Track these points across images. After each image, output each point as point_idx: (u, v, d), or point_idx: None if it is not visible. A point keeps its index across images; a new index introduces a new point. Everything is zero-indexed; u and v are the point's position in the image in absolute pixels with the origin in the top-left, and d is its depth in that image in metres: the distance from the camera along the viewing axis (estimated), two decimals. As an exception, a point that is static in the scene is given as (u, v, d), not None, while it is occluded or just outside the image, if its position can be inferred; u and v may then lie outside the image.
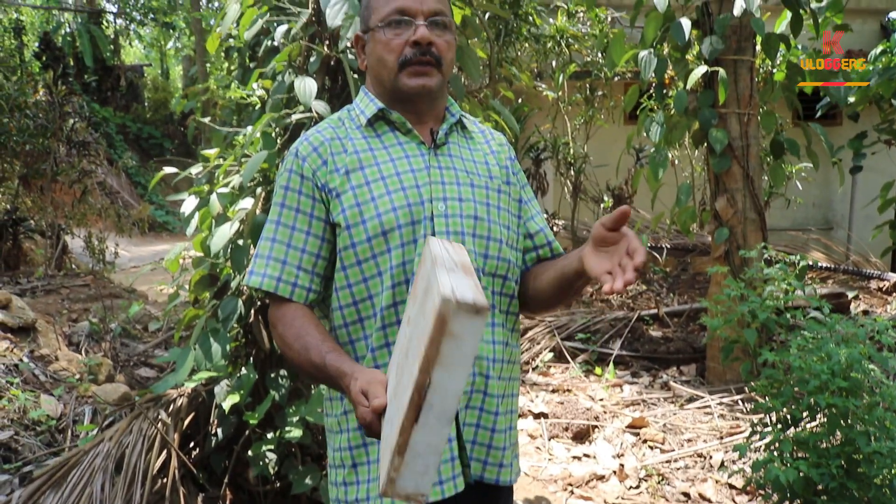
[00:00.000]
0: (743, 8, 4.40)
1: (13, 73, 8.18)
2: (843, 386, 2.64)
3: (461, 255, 1.26)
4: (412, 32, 1.53)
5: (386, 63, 1.55)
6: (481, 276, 1.56)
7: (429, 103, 1.61)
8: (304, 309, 1.56)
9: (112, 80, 21.27)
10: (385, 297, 1.51)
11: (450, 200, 1.55)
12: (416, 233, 1.51)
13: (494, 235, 1.58)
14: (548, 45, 7.60)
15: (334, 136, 1.60)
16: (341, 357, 1.43)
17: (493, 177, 1.65)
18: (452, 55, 1.61)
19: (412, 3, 1.54)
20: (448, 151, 1.62)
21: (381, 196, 1.52)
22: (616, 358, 5.71)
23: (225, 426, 3.21)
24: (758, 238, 4.92)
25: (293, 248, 1.56)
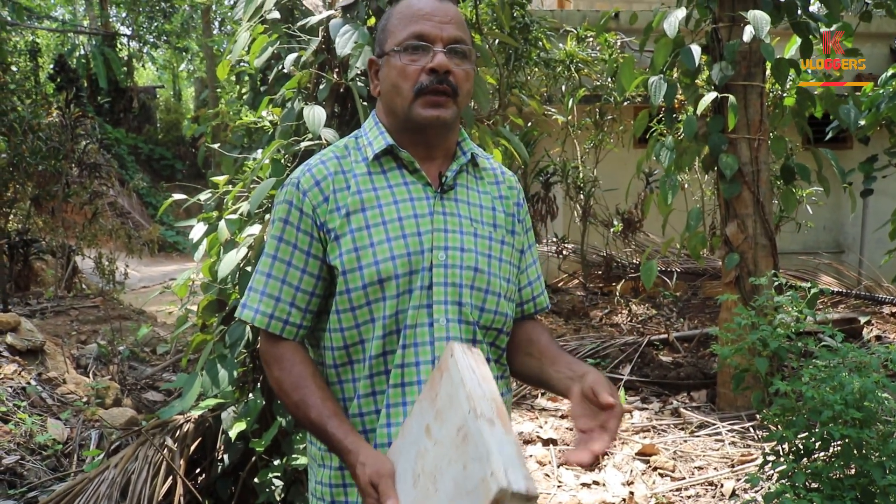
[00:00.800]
0: (752, 34, 4.39)
1: (28, 97, 8.25)
2: (857, 416, 2.60)
3: (489, 382, 1.26)
4: (429, 59, 1.46)
5: (400, 90, 1.48)
6: (477, 330, 1.52)
7: (441, 135, 1.53)
8: (301, 351, 1.54)
9: (125, 102, 21.47)
10: (375, 345, 1.47)
11: (451, 250, 1.50)
12: (412, 283, 1.47)
13: (493, 289, 1.54)
14: (557, 69, 7.62)
15: (338, 170, 1.53)
16: (343, 426, 1.42)
17: (497, 226, 1.59)
18: (470, 86, 1.54)
19: (431, 28, 1.47)
20: (455, 196, 1.56)
21: (381, 243, 1.46)
22: (626, 383, 5.67)
23: (231, 452, 3.19)
24: (769, 263, 4.89)
25: (288, 284, 1.52)
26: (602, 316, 7.54)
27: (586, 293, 8.48)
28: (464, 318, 1.50)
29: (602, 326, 7.26)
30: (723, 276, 5.11)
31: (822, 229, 10.19)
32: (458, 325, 1.49)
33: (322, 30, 2.98)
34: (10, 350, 4.47)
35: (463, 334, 1.49)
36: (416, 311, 1.47)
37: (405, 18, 1.49)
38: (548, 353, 1.59)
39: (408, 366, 1.46)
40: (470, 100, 1.58)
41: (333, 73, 2.96)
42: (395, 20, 1.52)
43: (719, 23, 4.83)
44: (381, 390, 1.48)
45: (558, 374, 1.52)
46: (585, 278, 8.69)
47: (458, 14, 1.53)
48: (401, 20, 1.50)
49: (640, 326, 7.25)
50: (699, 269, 8.34)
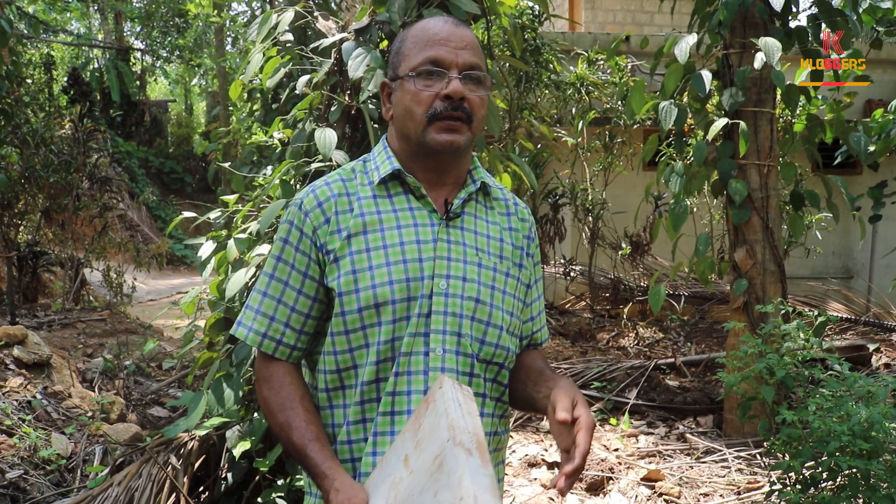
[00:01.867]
0: (763, 61, 4.40)
1: (41, 109, 8.32)
2: (865, 447, 2.59)
3: (474, 417, 1.23)
4: (444, 85, 1.43)
5: (413, 115, 1.45)
6: (475, 363, 1.48)
7: (453, 161, 1.50)
8: (293, 372, 1.52)
9: (137, 115, 21.64)
10: (367, 371, 1.44)
11: (453, 279, 1.46)
12: (410, 309, 1.43)
13: (495, 321, 1.50)
14: (568, 91, 7.65)
15: (342, 192, 1.51)
16: (323, 451, 1.40)
17: (503, 257, 1.55)
18: (484, 112, 1.50)
19: (447, 53, 1.44)
20: (461, 224, 1.52)
21: (380, 266, 1.44)
22: (632, 407, 5.64)
23: (235, 471, 3.19)
24: (777, 290, 4.87)
25: (283, 304, 1.50)
26: (609, 339, 7.52)
27: (593, 315, 8.46)
28: (462, 349, 1.46)
29: (609, 349, 7.24)
30: (731, 302, 5.09)
31: (831, 254, 10.16)
32: (454, 357, 1.45)
33: (335, 52, 3.00)
34: (16, 363, 4.48)
35: (460, 366, 1.46)
36: (412, 338, 1.43)
37: (420, 42, 1.47)
38: (532, 374, 1.55)
39: (399, 394, 1.43)
40: (483, 126, 1.55)
41: (345, 95, 2.98)
42: (409, 44, 1.49)
43: (730, 49, 4.85)
44: (370, 418, 1.45)
45: (538, 394, 1.48)
46: (593, 300, 8.67)
47: (473, 39, 1.50)
48: (415, 44, 1.47)
49: (647, 350, 7.22)
50: (707, 294, 8.31)
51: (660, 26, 11.22)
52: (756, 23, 4.76)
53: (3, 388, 4.09)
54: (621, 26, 11.29)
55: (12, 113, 7.25)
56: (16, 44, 7.85)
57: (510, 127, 3.76)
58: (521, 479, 4.43)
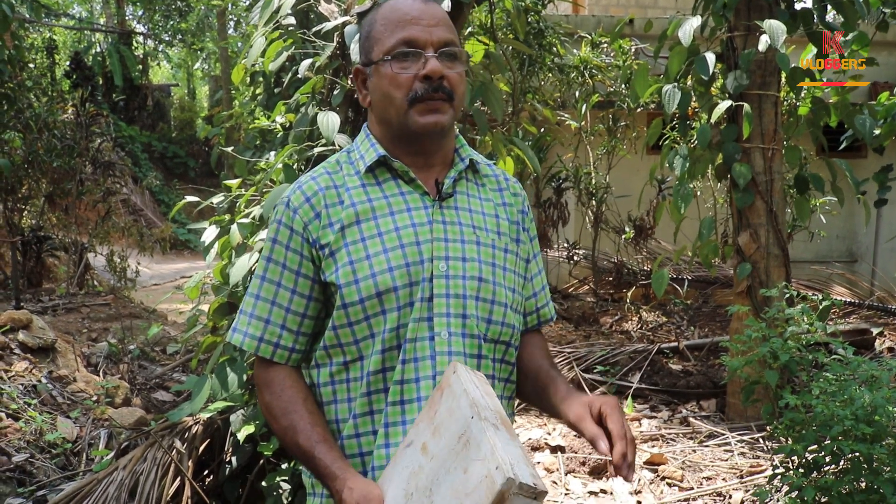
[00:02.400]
0: (768, 43, 4.37)
1: (44, 94, 8.31)
2: (868, 432, 2.59)
3: (493, 398, 1.22)
4: (421, 65, 1.40)
5: (393, 100, 1.42)
6: (482, 344, 1.46)
7: (438, 142, 1.47)
8: (292, 375, 1.48)
9: (139, 100, 21.60)
10: (374, 361, 1.41)
11: (452, 260, 1.43)
12: (413, 295, 1.41)
13: (499, 299, 1.47)
14: (571, 75, 7.61)
15: (330, 185, 1.47)
16: (331, 452, 1.37)
17: (501, 233, 1.52)
18: (464, 88, 1.47)
19: (420, 32, 1.40)
20: (454, 204, 1.49)
21: (378, 254, 1.40)
22: (635, 391, 5.65)
23: (240, 455, 3.20)
24: (781, 274, 4.87)
25: (277, 306, 1.46)
26: (612, 323, 7.52)
27: (597, 299, 8.46)
28: (468, 331, 1.43)
29: (612, 333, 7.24)
30: (734, 286, 5.09)
31: (836, 238, 10.13)
32: (461, 339, 1.43)
33: (337, 36, 2.98)
34: (21, 347, 4.49)
35: (467, 349, 1.43)
36: (417, 324, 1.40)
37: (391, 24, 1.43)
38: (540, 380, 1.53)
39: (407, 382, 1.40)
40: (465, 103, 1.54)
41: (348, 79, 2.96)
42: (379, 26, 1.45)
43: (734, 31, 4.81)
44: (379, 409, 1.42)
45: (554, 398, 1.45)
46: (596, 284, 8.67)
47: (444, 15, 1.47)
48: (386, 26, 1.43)
49: (650, 334, 7.23)
50: (711, 277, 8.30)
51: (664, 8, 11.14)
52: (761, 5, 4.73)
53: (8, 373, 4.11)
54: (625, 9, 11.22)
55: (15, 98, 7.23)
56: (18, 28, 7.83)
57: (513, 110, 3.74)
58: (525, 462, 4.44)
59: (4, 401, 3.76)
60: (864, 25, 5.46)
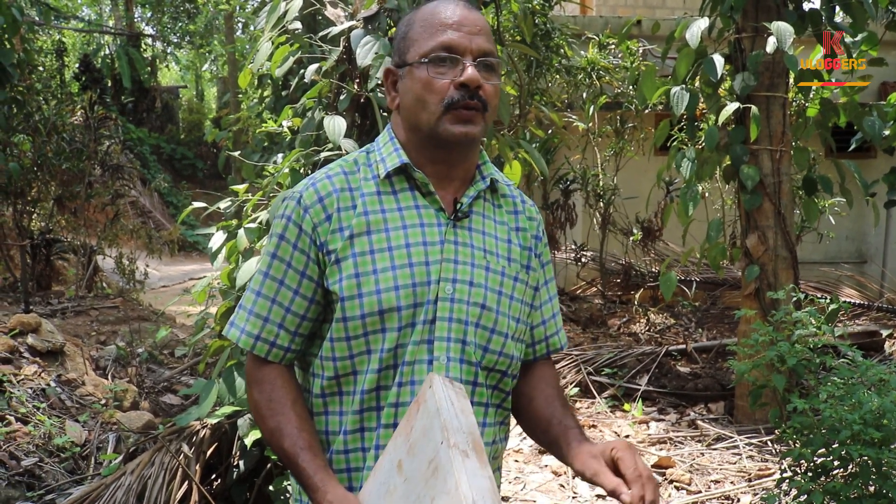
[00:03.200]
0: (776, 45, 4.36)
1: (53, 97, 8.35)
2: (876, 436, 2.58)
3: (468, 416, 1.18)
4: (459, 72, 1.35)
5: (427, 104, 1.36)
6: (479, 371, 1.41)
7: (465, 154, 1.43)
8: (285, 374, 1.44)
9: (148, 102, 21.68)
10: (369, 379, 1.37)
11: (459, 283, 1.39)
12: (416, 316, 1.36)
13: (500, 329, 1.42)
14: (579, 76, 7.60)
15: (345, 187, 1.42)
16: (315, 461, 1.33)
17: (512, 260, 1.47)
18: (497, 101, 1.43)
19: (461, 38, 1.35)
20: (469, 224, 1.44)
21: (385, 270, 1.36)
22: (643, 394, 5.64)
23: (247, 459, 3.21)
24: (789, 276, 4.85)
25: (278, 304, 1.42)
26: (620, 324, 7.51)
27: (604, 301, 8.45)
28: (466, 357, 1.39)
29: (620, 335, 7.23)
30: (742, 288, 5.07)
31: (845, 239, 10.09)
32: (458, 365, 1.38)
33: (343, 40, 2.99)
34: (30, 351, 4.52)
35: (464, 375, 1.39)
36: (417, 346, 1.36)
37: (431, 27, 1.38)
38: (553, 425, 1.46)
39: (402, 405, 1.36)
40: (495, 115, 1.49)
41: (354, 83, 2.97)
42: (418, 28, 1.40)
43: (742, 33, 4.80)
44: (370, 427, 1.38)
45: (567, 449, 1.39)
46: (604, 286, 8.66)
47: (486, 24, 1.42)
48: (426, 28, 1.38)
49: (658, 336, 7.21)
50: (719, 279, 8.28)
51: (671, 9, 11.12)
52: (769, 6, 4.71)
53: (17, 376, 4.13)
54: (633, 9, 11.20)
55: (24, 101, 7.27)
56: (27, 31, 7.87)
57: (520, 113, 3.74)
58: (532, 465, 4.44)
59: (14, 405, 3.78)
60: (872, 25, 5.44)
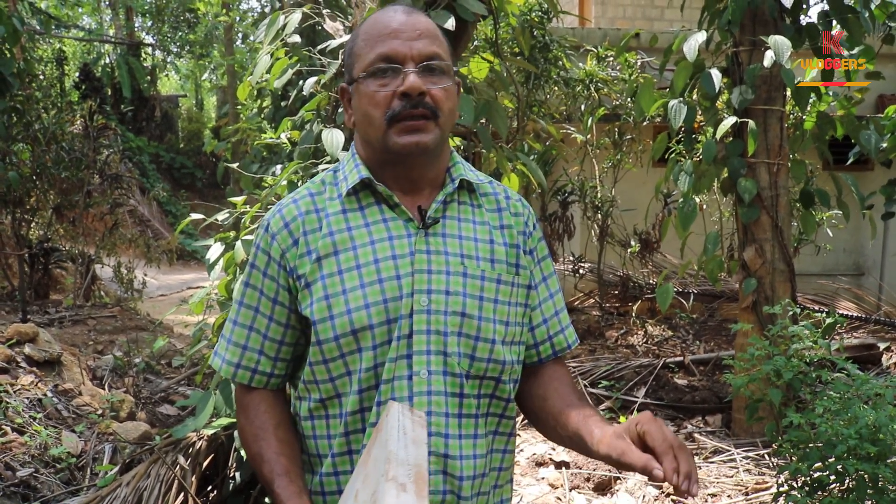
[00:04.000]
0: (773, 59, 4.38)
1: (53, 106, 8.36)
2: (872, 451, 2.58)
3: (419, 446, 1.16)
4: (400, 81, 1.31)
5: (372, 119, 1.33)
6: (464, 382, 1.36)
7: (424, 164, 1.38)
8: (269, 400, 1.44)
9: (148, 111, 21.74)
10: (352, 401, 1.34)
11: (434, 294, 1.34)
12: (391, 332, 1.32)
13: (484, 335, 1.37)
14: (577, 88, 7.62)
15: (310, 209, 1.39)
16: (290, 487, 1.32)
17: (495, 261, 1.41)
18: (452, 104, 1.38)
19: (400, 46, 1.31)
20: (442, 230, 1.39)
21: (354, 289, 1.32)
22: (640, 406, 5.63)
23: (243, 470, 3.20)
24: (786, 289, 4.86)
25: (255, 331, 1.41)
26: (618, 336, 7.50)
27: (602, 313, 8.45)
28: (449, 369, 1.35)
29: (617, 347, 7.22)
30: (740, 301, 5.08)
31: (842, 251, 10.10)
32: (441, 378, 1.34)
33: (342, 53, 3.00)
34: (27, 361, 4.51)
35: (448, 387, 1.35)
36: (394, 363, 1.33)
37: (371, 39, 1.34)
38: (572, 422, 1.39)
39: None
40: (455, 119, 1.44)
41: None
42: (360, 42, 1.37)
43: (740, 46, 4.82)
44: (357, 449, 1.36)
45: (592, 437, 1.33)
46: (602, 298, 8.66)
47: (429, 25, 1.37)
48: (367, 41, 1.35)
49: (655, 348, 7.21)
50: (716, 291, 8.28)
51: (670, 21, 11.17)
52: (766, 20, 4.74)
53: (14, 386, 4.12)
54: (631, 21, 11.25)
55: (24, 111, 7.28)
56: (27, 40, 7.89)
57: (518, 126, 3.75)
58: (529, 478, 4.43)
59: (10, 415, 3.78)
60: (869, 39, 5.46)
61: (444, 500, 1.34)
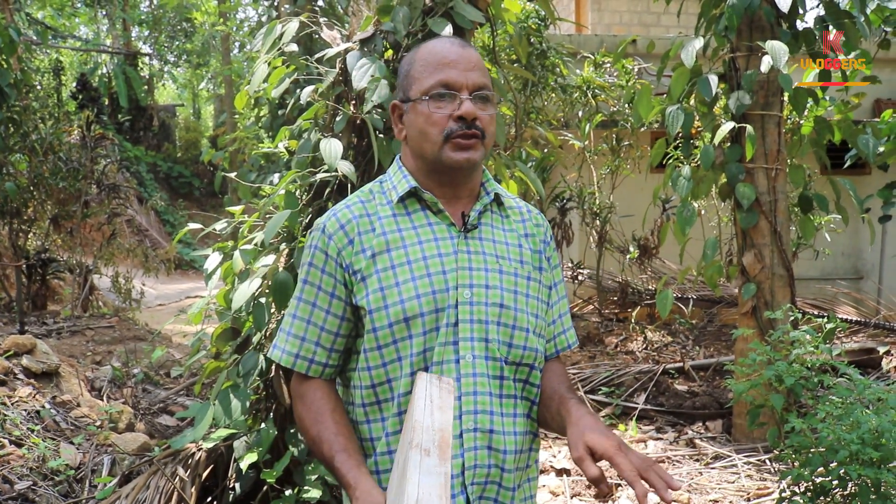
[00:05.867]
0: (770, 64, 4.38)
1: (50, 116, 8.36)
2: (874, 456, 2.57)
3: (445, 412, 1.26)
4: (456, 106, 1.51)
5: (429, 136, 1.52)
6: (504, 366, 1.54)
7: (468, 176, 1.58)
8: (325, 388, 1.58)
9: (145, 120, 21.75)
10: (403, 383, 1.49)
11: (476, 287, 1.52)
12: (439, 320, 1.50)
13: (520, 324, 1.55)
14: (574, 95, 7.62)
15: (363, 213, 1.57)
16: (350, 460, 1.45)
17: (524, 262, 1.61)
18: (494, 128, 1.58)
19: (457, 76, 1.51)
20: (479, 234, 1.59)
21: (406, 282, 1.50)
22: (640, 412, 5.62)
23: (243, 481, 3.19)
24: (786, 294, 4.85)
25: (312, 324, 1.57)
26: (617, 343, 7.49)
27: (601, 319, 8.43)
28: (490, 354, 1.52)
29: (617, 353, 7.21)
30: (739, 306, 5.07)
31: (841, 255, 10.10)
32: (484, 362, 1.51)
33: (339, 62, 3.00)
34: (25, 372, 4.49)
35: (490, 370, 1.52)
36: (443, 348, 1.49)
37: (430, 66, 1.53)
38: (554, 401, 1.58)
39: None
40: (494, 140, 1.63)
41: (350, 105, 2.97)
42: (419, 66, 1.55)
43: (737, 52, 4.82)
44: None
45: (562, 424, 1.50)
46: (601, 304, 8.65)
47: (479, 60, 1.57)
48: (425, 67, 1.54)
49: (655, 354, 7.19)
50: (716, 297, 8.27)
51: (666, 27, 11.18)
52: (763, 25, 4.74)
53: (12, 398, 4.10)
54: (628, 27, 11.26)
55: (21, 121, 7.27)
56: (24, 51, 7.88)
57: (516, 133, 3.74)
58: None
59: (8, 427, 3.76)
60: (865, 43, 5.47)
61: (488, 473, 1.49)
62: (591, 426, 1.40)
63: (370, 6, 3.14)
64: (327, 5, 10.46)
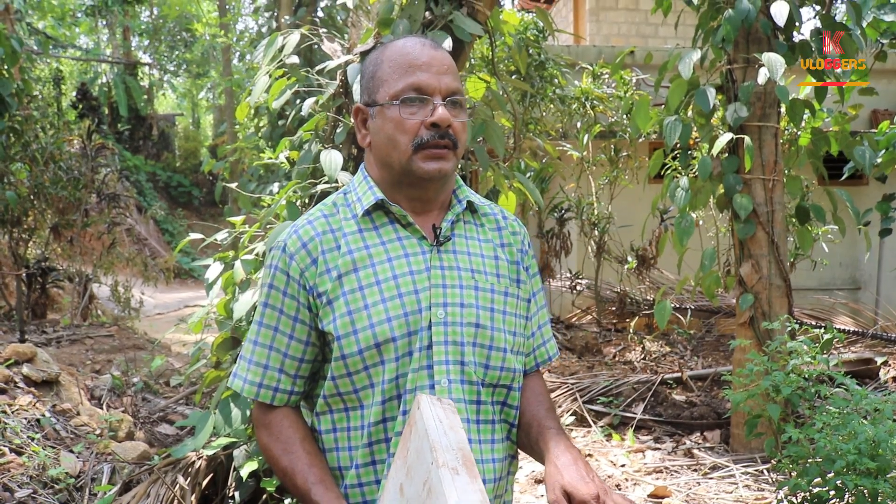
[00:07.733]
0: (767, 76, 4.41)
1: (51, 126, 8.38)
2: (871, 466, 2.58)
3: (457, 431, 1.21)
4: (429, 112, 1.39)
5: (398, 144, 1.40)
6: (481, 389, 1.45)
7: (440, 188, 1.46)
8: (292, 415, 1.48)
9: (144, 129, 21.81)
10: (374, 412, 1.40)
11: (450, 306, 1.42)
12: (412, 344, 1.39)
13: (497, 344, 1.46)
14: (573, 106, 7.66)
15: (327, 229, 1.45)
16: (328, 494, 1.36)
17: (500, 276, 1.51)
18: (466, 136, 1.47)
19: (430, 79, 1.39)
20: (453, 247, 1.47)
21: (376, 304, 1.39)
22: (638, 422, 5.63)
23: (242, 490, 3.20)
24: (783, 304, 4.87)
25: (276, 351, 1.46)
26: (615, 353, 7.50)
27: (600, 329, 8.45)
28: (466, 378, 1.42)
29: (615, 363, 7.22)
30: (737, 317, 5.08)
31: (839, 266, 10.13)
32: (460, 386, 1.42)
33: (340, 74, 3.02)
34: (25, 381, 4.49)
35: (466, 395, 1.42)
36: (416, 373, 1.39)
37: (400, 67, 1.41)
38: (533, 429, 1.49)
39: None
40: (465, 149, 1.55)
41: (350, 116, 3.00)
42: (387, 68, 1.43)
43: (734, 64, 4.86)
44: (381, 459, 1.41)
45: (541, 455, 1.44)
46: (599, 314, 8.67)
47: (452, 63, 1.47)
48: (394, 69, 1.42)
49: (653, 364, 7.20)
50: (714, 307, 8.29)
51: (664, 38, 11.24)
52: (760, 37, 4.78)
53: (12, 407, 4.11)
54: (626, 38, 11.32)
55: (22, 130, 7.30)
56: (25, 60, 7.91)
57: (515, 144, 3.77)
58: (528, 495, 4.42)
59: (8, 435, 3.76)
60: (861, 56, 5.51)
61: None
62: (569, 465, 1.32)
63: (370, 18, 3.18)
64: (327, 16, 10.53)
